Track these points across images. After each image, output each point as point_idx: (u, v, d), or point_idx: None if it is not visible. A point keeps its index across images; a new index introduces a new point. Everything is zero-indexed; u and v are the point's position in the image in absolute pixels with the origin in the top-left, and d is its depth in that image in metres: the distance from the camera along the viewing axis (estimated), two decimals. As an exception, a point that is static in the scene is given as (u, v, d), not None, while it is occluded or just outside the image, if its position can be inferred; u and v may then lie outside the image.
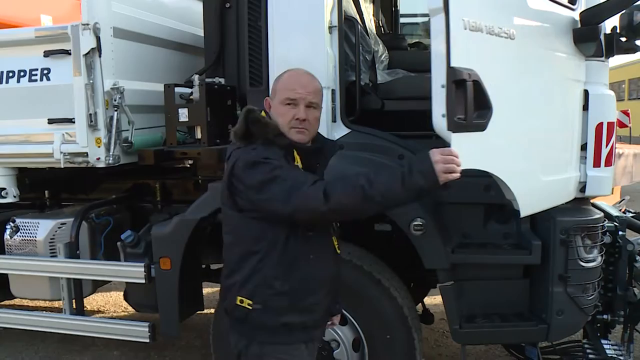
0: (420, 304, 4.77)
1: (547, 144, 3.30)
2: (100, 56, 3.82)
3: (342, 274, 3.44)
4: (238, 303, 2.45)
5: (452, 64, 2.57)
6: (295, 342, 2.51)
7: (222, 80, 3.87)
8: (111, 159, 3.87)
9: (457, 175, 2.25)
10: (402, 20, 6.77)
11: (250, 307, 2.43)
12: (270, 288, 2.42)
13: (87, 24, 3.80)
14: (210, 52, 3.93)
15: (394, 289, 3.56)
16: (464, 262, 3.49)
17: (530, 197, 3.18)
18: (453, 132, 2.60)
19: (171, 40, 4.52)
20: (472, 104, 2.62)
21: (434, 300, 5.26)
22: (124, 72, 4.03)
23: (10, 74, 4.15)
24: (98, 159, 3.90)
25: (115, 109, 3.86)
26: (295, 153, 2.45)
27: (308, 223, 2.41)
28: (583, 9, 3.31)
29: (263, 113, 2.50)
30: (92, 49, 3.81)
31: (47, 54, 3.99)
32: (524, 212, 3.15)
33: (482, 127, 2.70)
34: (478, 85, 2.64)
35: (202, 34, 4.03)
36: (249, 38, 3.74)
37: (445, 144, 2.55)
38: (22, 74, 4.12)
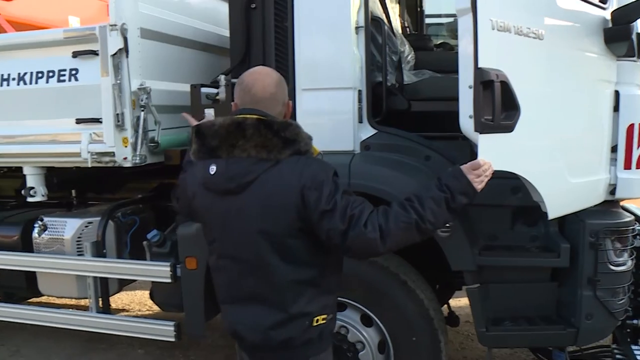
0: (445, 306, 4.73)
1: (576, 145, 3.26)
2: (127, 57, 3.85)
3: (368, 275, 3.51)
4: (314, 324, 2.37)
5: (480, 65, 2.55)
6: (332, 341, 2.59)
7: (248, 81, 3.87)
8: (138, 158, 3.90)
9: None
10: (427, 20, 6.74)
11: (325, 321, 2.41)
12: (333, 293, 2.48)
13: (115, 25, 3.82)
14: (236, 52, 3.92)
15: (420, 290, 3.53)
16: (491, 264, 3.44)
17: (558, 199, 3.14)
18: (480, 133, 2.58)
19: (197, 41, 4.54)
20: (500, 105, 2.60)
21: (458, 302, 5.21)
22: (151, 72, 4.06)
23: (39, 75, 4.19)
24: (125, 158, 3.93)
25: (142, 109, 3.89)
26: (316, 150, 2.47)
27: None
28: (614, 8, 3.25)
29: None
30: (120, 49, 3.83)
31: (75, 54, 4.02)
32: (552, 214, 3.11)
33: (509, 129, 2.68)
34: (506, 86, 2.62)
35: (228, 35, 4.02)
36: (275, 39, 3.73)
37: (472, 144, 2.53)
38: (50, 74, 4.16)
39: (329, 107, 3.62)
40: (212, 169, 2.33)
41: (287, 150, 2.28)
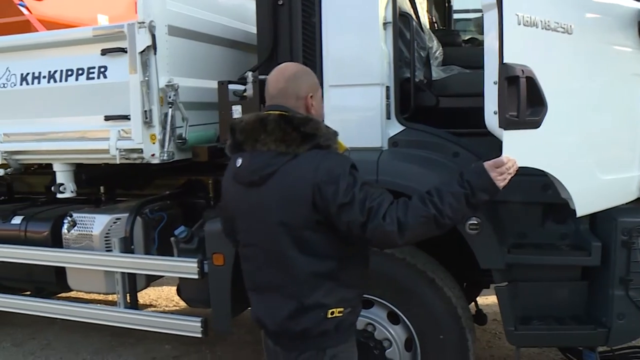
0: (473, 304, 4.68)
1: (607, 141, 3.20)
2: (155, 54, 3.87)
3: (396, 273, 3.49)
4: (329, 316, 2.39)
5: (505, 60, 2.53)
6: (355, 333, 2.61)
7: (276, 78, 3.87)
8: (165, 155, 3.92)
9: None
10: (455, 15, 6.69)
11: (341, 314, 2.42)
12: (355, 288, 2.49)
13: (143, 22, 3.85)
14: (263, 49, 3.92)
15: (447, 288, 3.50)
16: (521, 262, 3.40)
17: (588, 196, 3.10)
18: (505, 129, 2.56)
19: (224, 38, 4.55)
20: (525, 101, 2.57)
21: (486, 300, 5.17)
22: (179, 69, 4.07)
23: (69, 72, 4.23)
24: (153, 155, 3.96)
25: (170, 105, 3.91)
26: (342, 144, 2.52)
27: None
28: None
29: None
30: (148, 46, 3.85)
31: (104, 52, 4.06)
32: (581, 211, 3.07)
33: (535, 125, 2.66)
34: (532, 82, 2.60)
35: (255, 31, 4.03)
36: (302, 35, 3.73)
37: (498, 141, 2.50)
38: (80, 72, 4.20)
39: (356, 103, 3.60)
40: (239, 162, 2.46)
41: (306, 145, 2.34)
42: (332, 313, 2.40)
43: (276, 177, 2.34)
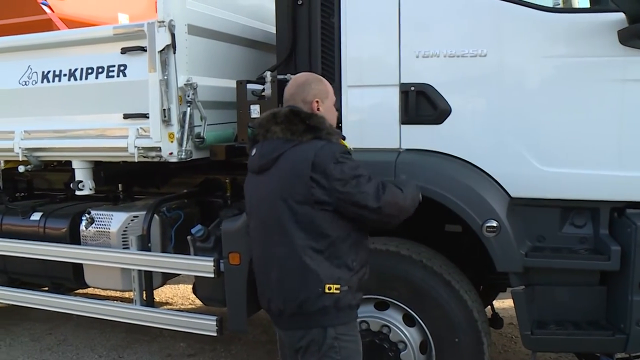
0: (489, 307, 4.65)
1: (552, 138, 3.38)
2: (174, 53, 3.88)
3: (412, 275, 3.47)
4: (326, 291, 2.63)
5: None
6: (356, 319, 2.83)
7: (294, 77, 3.87)
8: (183, 153, 3.93)
9: None
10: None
11: (339, 292, 2.64)
12: (350, 270, 2.69)
13: (163, 21, 3.86)
14: (282, 48, 3.92)
15: (463, 291, 3.48)
16: (538, 266, 3.38)
17: (520, 182, 3.44)
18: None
19: (243, 37, 4.56)
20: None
21: (502, 304, 5.13)
22: (197, 68, 4.09)
23: (89, 71, 4.27)
24: (171, 153, 3.97)
25: (189, 104, 3.92)
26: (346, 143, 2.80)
27: (389, 220, 2.81)
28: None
29: None
30: (167, 45, 3.87)
31: (124, 50, 4.08)
32: (514, 193, 3.42)
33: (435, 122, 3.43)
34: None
35: (274, 31, 4.03)
36: (322, 35, 3.73)
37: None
38: (100, 70, 4.24)
39: (374, 104, 3.60)
40: (253, 152, 2.85)
41: (309, 135, 2.67)
42: (330, 289, 2.62)
43: (281, 160, 2.68)
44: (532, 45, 3.34)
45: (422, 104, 3.50)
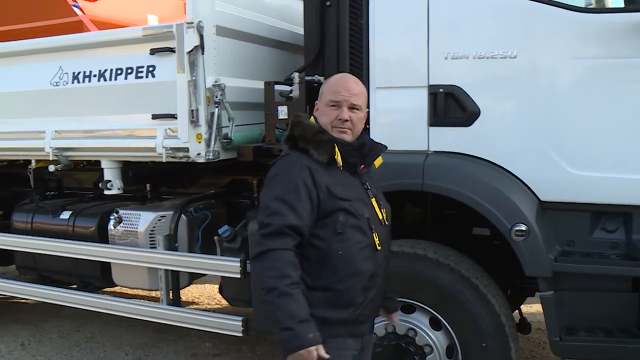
0: (517, 312, 4.59)
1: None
2: (203, 54, 3.90)
3: (439, 278, 3.43)
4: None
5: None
6: (337, 336, 2.55)
7: (322, 79, 3.84)
8: (211, 154, 3.95)
9: None
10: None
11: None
12: (305, 283, 2.47)
13: (192, 23, 3.88)
14: (310, 50, 3.92)
15: (491, 295, 3.44)
16: (568, 271, 3.32)
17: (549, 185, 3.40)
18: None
19: (271, 38, 4.57)
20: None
21: (529, 308, 5.07)
22: (225, 69, 4.10)
23: (119, 71, 4.31)
24: (198, 154, 3.98)
25: (216, 105, 3.94)
26: (336, 149, 2.54)
27: None
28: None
29: (312, 118, 2.66)
30: (196, 46, 3.89)
31: (153, 51, 4.11)
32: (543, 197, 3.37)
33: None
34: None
35: (302, 32, 4.03)
36: (350, 36, 3.71)
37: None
38: (129, 71, 4.27)
39: (403, 105, 3.58)
40: None
41: (288, 144, 2.62)
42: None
43: None
44: (563, 46, 3.30)
45: (450, 106, 3.48)
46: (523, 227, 3.23)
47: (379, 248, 2.60)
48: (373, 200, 2.66)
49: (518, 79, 3.38)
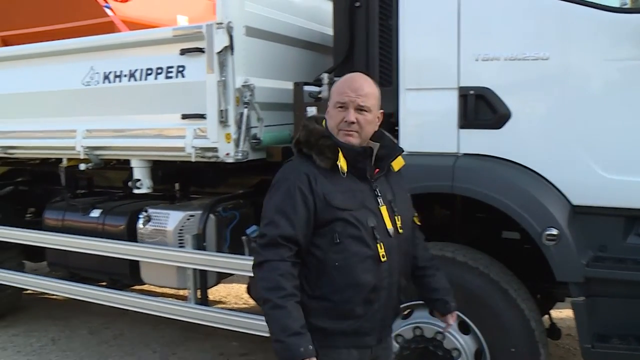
0: (546, 317, 4.52)
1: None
2: (232, 54, 3.91)
3: (468, 282, 3.40)
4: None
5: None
6: (339, 347, 2.48)
7: (351, 80, 3.85)
8: (240, 154, 3.95)
9: None
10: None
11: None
12: (303, 291, 2.43)
13: (221, 23, 3.90)
14: (339, 50, 3.91)
15: (521, 300, 3.39)
16: (600, 276, 3.25)
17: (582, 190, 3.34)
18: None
19: (300, 39, 4.57)
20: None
21: (559, 314, 4.99)
22: (255, 69, 4.11)
23: (149, 71, 4.34)
24: (227, 154, 3.99)
25: (246, 105, 3.94)
26: (340, 154, 2.44)
27: None
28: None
29: (324, 121, 2.57)
30: (225, 47, 3.90)
31: (182, 52, 4.13)
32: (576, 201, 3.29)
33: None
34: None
35: (331, 33, 4.02)
36: (379, 37, 3.69)
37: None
38: (159, 71, 4.30)
39: (432, 107, 3.56)
40: None
41: (296, 149, 2.57)
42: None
43: None
44: (597, 47, 3.24)
45: (481, 108, 3.44)
46: (554, 232, 3.18)
47: (383, 259, 2.45)
48: (383, 208, 2.50)
49: (550, 80, 3.33)
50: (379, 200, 2.50)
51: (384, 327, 2.61)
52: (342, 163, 2.42)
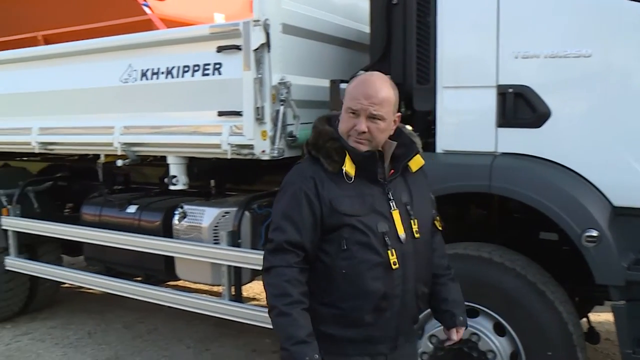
0: (585, 320, 4.43)
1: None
2: (269, 51, 3.91)
3: (504, 283, 3.34)
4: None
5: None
6: (348, 355, 2.41)
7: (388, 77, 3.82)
8: (276, 152, 3.95)
9: None
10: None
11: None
12: (313, 297, 2.35)
13: (258, 21, 3.89)
14: (376, 48, 3.88)
15: (558, 302, 3.32)
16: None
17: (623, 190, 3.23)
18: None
19: (337, 37, 4.55)
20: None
21: (598, 317, 4.89)
22: (291, 67, 4.10)
23: (186, 69, 4.36)
24: (263, 151, 4.00)
25: (282, 103, 3.94)
26: (347, 158, 2.32)
27: None
28: None
29: None
30: (262, 44, 3.89)
31: (219, 49, 4.14)
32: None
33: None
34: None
35: (368, 31, 4.00)
36: (417, 34, 3.65)
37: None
38: (196, 68, 4.32)
39: (470, 105, 3.51)
40: None
41: (305, 150, 2.46)
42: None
43: None
44: (642, 43, 3.16)
45: (520, 107, 3.38)
46: (594, 233, 3.11)
47: (394, 267, 2.32)
48: (395, 212, 2.35)
49: (592, 78, 3.26)
50: (391, 204, 2.36)
51: (399, 335, 2.46)
52: (347, 167, 2.31)
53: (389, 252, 2.31)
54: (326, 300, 2.36)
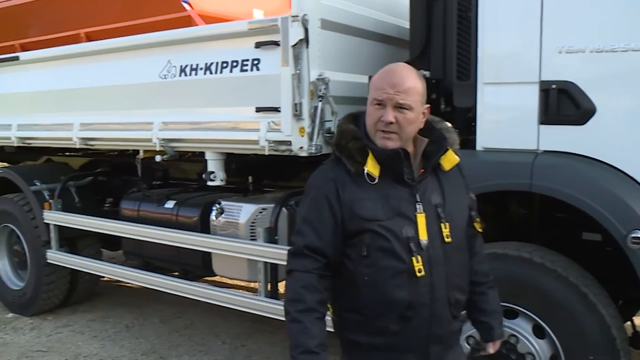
0: (629, 323, 4.31)
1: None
2: (307, 47, 3.88)
3: (545, 284, 3.27)
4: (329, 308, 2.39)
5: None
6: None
7: (427, 74, 3.74)
8: (313, 148, 3.93)
9: None
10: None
11: (329, 317, 2.34)
12: (338, 302, 2.33)
13: (296, 16, 3.87)
14: (416, 44, 3.84)
15: (601, 305, 3.23)
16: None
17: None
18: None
19: (376, 32, 4.51)
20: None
21: (641, 321, 4.75)
22: (330, 63, 4.08)
23: (224, 65, 4.37)
24: (300, 148, 3.98)
25: (320, 99, 3.91)
26: (370, 158, 2.22)
27: None
28: None
29: None
30: (300, 40, 3.87)
31: (257, 45, 4.13)
32: None
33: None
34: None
35: (408, 26, 3.95)
36: (457, 29, 3.59)
37: None
38: (234, 64, 4.32)
39: (512, 102, 3.44)
40: None
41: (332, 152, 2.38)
42: (328, 308, 2.35)
43: None
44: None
45: (563, 103, 3.29)
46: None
47: (419, 274, 2.18)
48: (420, 216, 2.21)
49: (641, 74, 3.16)
50: (417, 207, 2.22)
51: (430, 344, 2.31)
52: (370, 168, 2.20)
53: (414, 258, 2.18)
54: (351, 307, 2.29)
